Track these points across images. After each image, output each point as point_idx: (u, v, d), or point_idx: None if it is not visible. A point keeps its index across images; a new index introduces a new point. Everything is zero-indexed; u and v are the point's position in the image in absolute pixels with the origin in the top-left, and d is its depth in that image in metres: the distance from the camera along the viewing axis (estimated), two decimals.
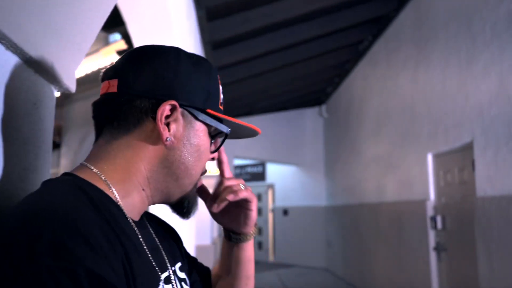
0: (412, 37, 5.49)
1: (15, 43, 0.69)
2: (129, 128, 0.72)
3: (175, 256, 0.85)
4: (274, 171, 11.69)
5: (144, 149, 0.72)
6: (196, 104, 0.74)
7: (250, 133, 0.89)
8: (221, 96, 0.81)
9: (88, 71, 8.57)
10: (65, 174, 0.69)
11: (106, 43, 9.16)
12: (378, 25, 6.26)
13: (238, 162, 12.37)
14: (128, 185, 0.71)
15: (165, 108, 0.71)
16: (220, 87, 0.81)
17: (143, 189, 0.73)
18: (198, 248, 4.84)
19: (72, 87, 0.94)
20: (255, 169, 12.61)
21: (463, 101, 4.25)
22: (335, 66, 7.68)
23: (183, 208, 0.80)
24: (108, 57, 8.38)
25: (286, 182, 11.15)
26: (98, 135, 0.76)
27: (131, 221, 0.69)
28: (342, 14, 5.57)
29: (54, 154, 10.15)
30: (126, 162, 0.71)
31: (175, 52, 0.76)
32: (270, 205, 12.16)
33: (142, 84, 0.71)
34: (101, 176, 0.69)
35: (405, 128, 5.66)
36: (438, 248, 4.78)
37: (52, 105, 0.90)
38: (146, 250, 0.70)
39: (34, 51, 0.76)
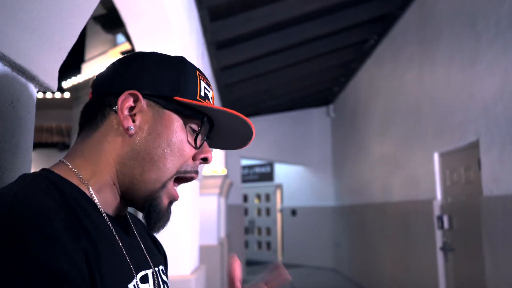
0: (417, 36, 5.45)
1: None
2: (98, 124, 0.74)
3: (158, 260, 0.85)
4: (282, 171, 11.68)
5: (112, 143, 0.72)
6: (161, 93, 0.74)
7: (241, 130, 0.82)
8: (203, 90, 0.78)
9: (97, 73, 8.66)
10: (43, 169, 0.69)
11: (114, 44, 9.24)
12: (383, 24, 6.23)
13: (246, 162, 12.38)
14: (100, 180, 0.71)
15: (126, 98, 0.71)
16: (202, 82, 0.79)
17: (114, 184, 0.73)
18: (203, 249, 4.84)
19: (54, 86, 0.95)
20: (263, 169, 12.60)
21: (468, 100, 4.20)
22: (341, 66, 7.65)
23: (143, 209, 0.74)
24: (115, 58, 8.46)
25: (294, 182, 11.13)
26: (78, 134, 0.78)
27: (105, 216, 0.70)
28: (346, 13, 5.54)
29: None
30: (97, 157, 0.72)
31: (144, 54, 0.78)
32: (278, 205, 12.15)
33: (108, 84, 0.75)
34: (76, 172, 0.70)
35: (411, 127, 5.62)
36: (445, 248, 4.73)
37: (32, 103, 0.90)
38: (121, 246, 0.70)
39: (8, 50, 0.77)
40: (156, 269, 0.79)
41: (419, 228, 5.27)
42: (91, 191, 0.69)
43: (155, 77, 0.74)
